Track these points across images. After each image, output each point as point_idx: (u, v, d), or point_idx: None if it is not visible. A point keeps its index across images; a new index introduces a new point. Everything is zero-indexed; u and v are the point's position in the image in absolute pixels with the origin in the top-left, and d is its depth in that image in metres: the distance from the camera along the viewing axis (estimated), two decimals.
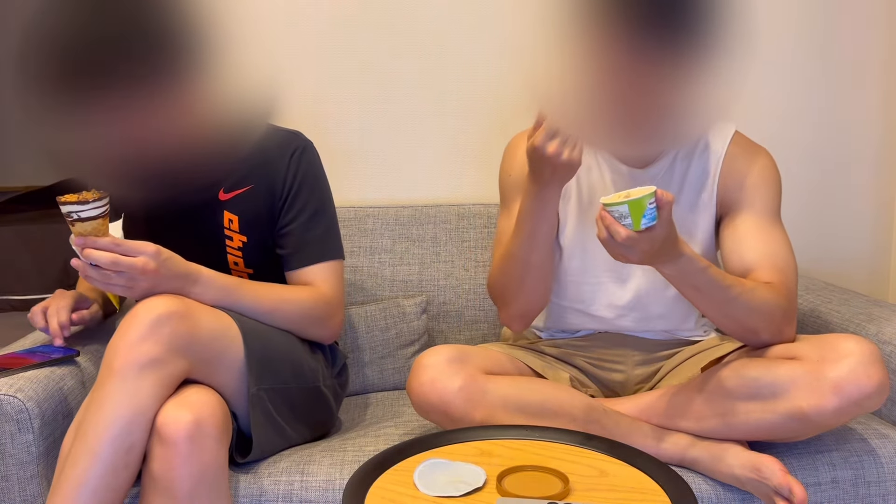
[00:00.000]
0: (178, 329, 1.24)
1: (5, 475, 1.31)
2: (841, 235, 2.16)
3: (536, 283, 1.46)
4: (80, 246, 1.28)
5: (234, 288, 1.41)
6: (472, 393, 1.34)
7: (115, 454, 1.17)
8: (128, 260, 1.27)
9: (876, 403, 1.28)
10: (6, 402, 1.30)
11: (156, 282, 1.30)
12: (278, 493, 1.35)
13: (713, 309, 1.35)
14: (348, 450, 1.44)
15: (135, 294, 1.31)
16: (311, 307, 1.48)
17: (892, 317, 1.62)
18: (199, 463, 1.20)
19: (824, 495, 1.40)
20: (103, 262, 1.27)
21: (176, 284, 1.33)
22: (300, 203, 1.50)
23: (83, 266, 1.29)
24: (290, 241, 1.50)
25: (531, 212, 1.39)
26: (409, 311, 1.85)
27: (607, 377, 1.57)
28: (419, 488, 1.10)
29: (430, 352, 1.39)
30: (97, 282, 1.29)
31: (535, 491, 1.08)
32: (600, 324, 1.56)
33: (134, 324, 1.23)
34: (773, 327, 1.37)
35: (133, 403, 1.19)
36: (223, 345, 1.32)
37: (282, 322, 1.45)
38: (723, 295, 1.32)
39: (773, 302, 1.35)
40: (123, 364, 1.20)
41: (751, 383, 1.33)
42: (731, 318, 1.35)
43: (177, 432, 1.19)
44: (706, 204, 1.49)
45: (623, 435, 1.39)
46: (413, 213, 1.95)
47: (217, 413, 1.24)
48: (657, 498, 1.09)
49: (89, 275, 1.29)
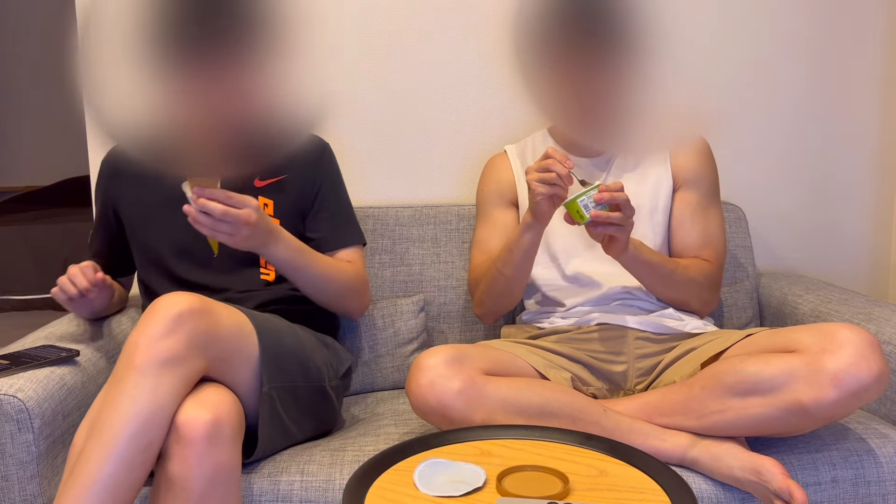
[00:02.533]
0: (199, 326, 1.24)
1: (5, 475, 1.31)
2: (841, 235, 2.16)
3: (513, 293, 1.66)
4: (198, 195, 1.36)
5: (303, 251, 1.54)
6: (471, 395, 1.34)
7: (133, 451, 1.17)
8: (235, 211, 1.37)
9: (875, 394, 1.28)
10: (6, 402, 1.30)
11: (253, 233, 1.41)
12: (278, 493, 1.35)
13: (656, 283, 1.60)
14: (348, 450, 1.44)
15: (234, 241, 1.41)
16: (353, 280, 1.64)
17: (892, 317, 1.62)
18: (215, 463, 1.20)
19: (824, 495, 1.40)
20: (216, 212, 1.36)
21: (265, 238, 1.45)
22: (330, 194, 1.68)
23: (195, 213, 1.37)
24: (324, 226, 1.66)
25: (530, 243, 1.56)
26: (407, 310, 1.85)
27: (609, 369, 1.57)
28: (419, 488, 1.10)
29: (429, 353, 1.38)
30: (205, 228, 1.38)
31: (535, 491, 1.08)
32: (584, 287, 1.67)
33: (154, 320, 1.22)
34: (701, 299, 1.65)
35: (153, 400, 1.18)
36: (239, 342, 1.33)
37: (331, 290, 1.59)
38: (662, 271, 1.58)
39: (702, 277, 1.63)
40: (144, 360, 1.20)
41: (749, 378, 1.34)
42: (671, 291, 1.62)
43: (196, 431, 1.18)
44: (663, 177, 1.71)
45: (623, 435, 1.39)
46: (413, 214, 1.95)
47: (233, 413, 1.25)
48: (657, 498, 1.09)
49: (199, 221, 1.37)
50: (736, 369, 1.36)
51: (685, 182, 1.70)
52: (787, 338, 1.38)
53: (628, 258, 1.53)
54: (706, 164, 1.72)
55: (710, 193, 1.71)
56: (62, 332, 1.60)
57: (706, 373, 1.41)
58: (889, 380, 1.35)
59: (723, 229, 1.71)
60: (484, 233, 1.77)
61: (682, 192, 1.70)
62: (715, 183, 1.73)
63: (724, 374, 1.37)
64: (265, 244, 1.46)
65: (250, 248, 1.45)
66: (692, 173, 1.70)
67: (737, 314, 1.93)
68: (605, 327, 1.60)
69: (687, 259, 1.66)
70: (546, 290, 1.70)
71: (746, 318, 1.93)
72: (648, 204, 1.68)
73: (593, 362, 1.57)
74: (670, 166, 1.71)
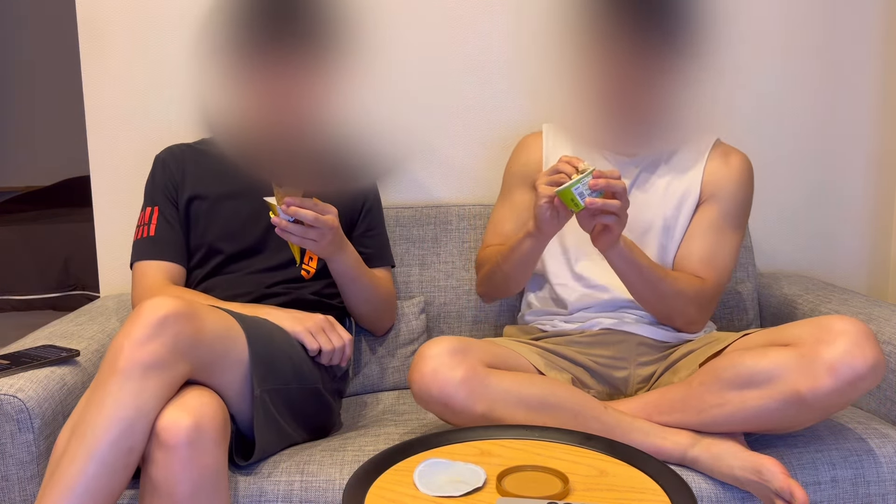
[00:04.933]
0: (184, 330, 1.24)
1: (5, 475, 1.31)
2: (841, 235, 2.17)
3: (510, 288, 1.65)
4: (290, 204, 1.42)
5: (361, 260, 1.63)
6: (473, 385, 1.34)
7: (115, 455, 1.16)
8: (323, 217, 1.44)
9: (871, 383, 1.28)
10: (6, 402, 1.30)
11: (334, 238, 1.49)
12: (278, 493, 1.35)
13: (642, 289, 1.53)
14: (348, 450, 1.44)
15: (320, 246, 1.48)
16: (391, 296, 1.75)
17: (891, 317, 1.62)
18: (199, 467, 1.19)
19: (824, 494, 1.40)
20: (308, 218, 1.42)
21: (341, 244, 1.53)
22: (378, 213, 1.79)
23: (284, 223, 1.43)
24: (370, 242, 1.75)
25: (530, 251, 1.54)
26: (408, 312, 1.85)
27: (610, 374, 1.57)
28: (419, 488, 1.10)
29: (433, 343, 1.38)
30: (294, 236, 1.45)
31: (535, 491, 1.08)
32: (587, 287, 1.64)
33: (139, 323, 1.22)
34: (686, 315, 1.57)
35: (136, 404, 1.18)
36: (226, 346, 1.32)
37: (375, 302, 1.68)
38: (650, 276, 1.51)
39: (691, 292, 1.55)
40: (127, 364, 1.19)
41: (746, 371, 1.34)
42: (656, 300, 1.55)
43: (177, 436, 1.18)
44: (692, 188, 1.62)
45: (623, 432, 1.39)
46: (413, 214, 1.95)
47: (217, 415, 1.24)
48: (657, 498, 1.09)
49: (290, 230, 1.44)
50: (733, 363, 1.37)
51: (711, 196, 1.61)
52: (783, 333, 1.38)
53: (617, 254, 1.48)
54: (739, 185, 1.61)
55: (734, 215, 1.61)
56: (62, 332, 1.60)
57: (704, 370, 1.42)
58: (885, 369, 1.35)
59: (733, 256, 1.61)
60: (501, 213, 1.75)
61: (705, 205, 1.61)
62: (742, 206, 1.62)
63: (721, 369, 1.38)
64: (340, 250, 1.54)
65: (329, 254, 1.53)
66: (721, 189, 1.61)
67: (737, 315, 1.93)
68: (608, 332, 1.60)
69: (679, 272, 1.59)
70: (553, 281, 1.67)
71: (748, 319, 1.93)
72: (665, 219, 1.62)
73: (595, 366, 1.57)
74: (702, 178, 1.62)
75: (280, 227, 1.43)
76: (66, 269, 3.91)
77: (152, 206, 1.68)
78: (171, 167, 1.70)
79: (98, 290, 2.04)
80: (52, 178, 5.43)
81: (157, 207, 1.68)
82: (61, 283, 3.93)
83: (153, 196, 1.69)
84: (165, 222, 1.66)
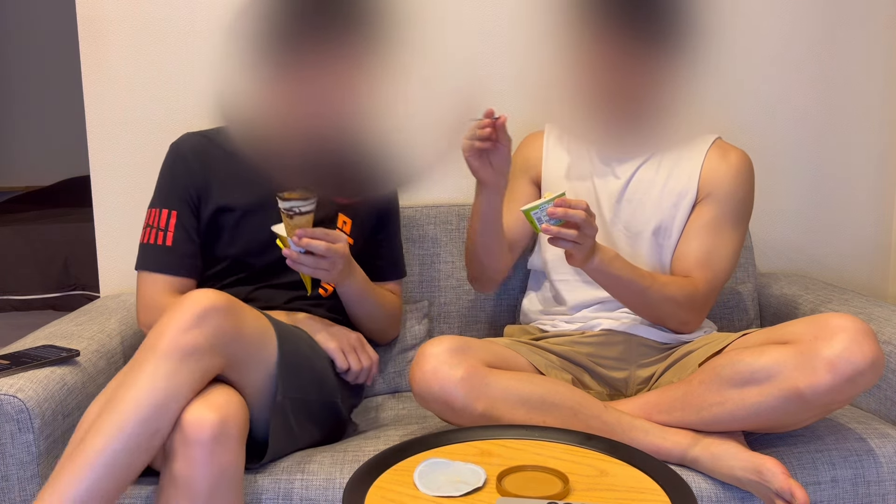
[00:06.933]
0: (224, 325, 1.25)
1: (5, 475, 1.31)
2: (841, 236, 2.16)
3: (482, 261, 1.64)
4: (301, 236, 1.41)
5: (368, 281, 1.62)
6: (473, 384, 1.34)
7: (140, 435, 1.17)
8: (335, 246, 1.43)
9: (870, 379, 1.29)
10: (6, 402, 1.30)
11: (344, 265, 1.47)
12: (278, 493, 1.35)
13: (626, 299, 1.54)
14: (348, 450, 1.44)
15: (331, 275, 1.47)
16: (397, 310, 1.76)
17: (891, 317, 1.62)
18: (220, 464, 1.20)
19: (824, 494, 1.40)
20: (320, 249, 1.42)
21: (350, 269, 1.52)
22: (396, 226, 1.77)
23: (296, 255, 1.43)
24: (387, 254, 1.75)
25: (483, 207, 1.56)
26: (411, 316, 1.85)
27: (610, 375, 1.57)
28: (419, 488, 1.10)
29: (433, 342, 1.39)
30: (306, 267, 1.44)
31: (535, 491, 1.08)
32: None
33: (182, 311, 1.23)
34: (678, 319, 1.56)
35: (169, 386, 1.19)
36: (259, 348, 1.33)
37: (380, 318, 1.68)
38: (634, 287, 1.50)
39: (682, 297, 1.53)
40: (167, 347, 1.21)
41: (746, 368, 1.34)
42: (643, 307, 1.55)
43: (201, 432, 1.18)
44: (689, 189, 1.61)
45: (624, 431, 1.39)
46: (413, 214, 1.95)
47: (239, 415, 1.25)
48: (657, 498, 1.09)
49: (302, 262, 1.43)
50: (732, 361, 1.37)
51: (708, 195, 1.59)
52: (782, 331, 1.39)
53: (593, 269, 1.46)
54: (738, 183, 1.59)
55: (733, 214, 1.59)
56: (62, 332, 1.60)
57: (703, 369, 1.42)
58: (884, 365, 1.35)
59: (732, 255, 1.59)
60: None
61: (702, 204, 1.60)
62: (742, 205, 1.60)
63: (720, 367, 1.38)
64: (350, 275, 1.53)
65: (339, 281, 1.52)
66: (718, 187, 1.59)
67: (737, 315, 1.93)
68: (609, 333, 1.60)
69: (668, 276, 1.57)
70: (553, 275, 1.68)
71: (748, 319, 1.93)
72: (662, 218, 1.61)
73: (595, 367, 1.57)
74: (699, 176, 1.61)
75: (291, 259, 1.43)
76: (66, 269, 3.91)
77: (169, 210, 1.58)
78: (193, 167, 1.59)
79: (98, 291, 2.04)
80: (52, 178, 5.43)
81: (175, 213, 1.57)
82: (61, 283, 3.93)
83: (169, 198, 1.59)
84: (184, 233, 1.58)
